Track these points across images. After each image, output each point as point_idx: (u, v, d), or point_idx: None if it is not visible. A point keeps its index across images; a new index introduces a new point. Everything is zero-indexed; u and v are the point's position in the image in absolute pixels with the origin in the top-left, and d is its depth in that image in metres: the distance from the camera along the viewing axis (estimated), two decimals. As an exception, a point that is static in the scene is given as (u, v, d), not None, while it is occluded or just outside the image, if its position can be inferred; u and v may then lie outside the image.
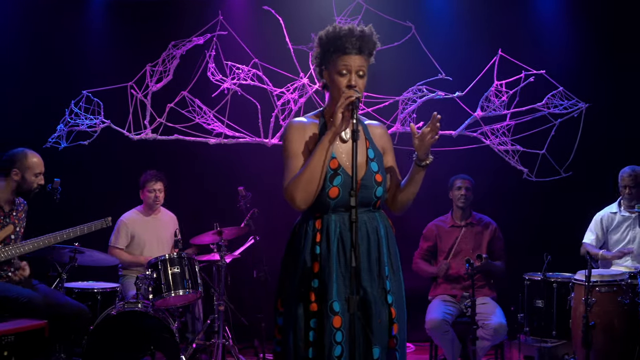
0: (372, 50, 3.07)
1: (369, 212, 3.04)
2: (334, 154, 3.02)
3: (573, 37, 6.89)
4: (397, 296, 3.03)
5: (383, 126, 3.26)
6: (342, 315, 2.90)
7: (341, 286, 2.92)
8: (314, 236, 3.00)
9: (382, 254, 3.02)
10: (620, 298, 4.99)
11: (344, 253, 2.95)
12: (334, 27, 3.06)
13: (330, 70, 3.05)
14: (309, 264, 2.98)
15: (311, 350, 2.93)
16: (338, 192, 2.98)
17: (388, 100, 6.57)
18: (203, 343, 5.79)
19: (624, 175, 5.73)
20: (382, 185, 3.05)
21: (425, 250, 5.87)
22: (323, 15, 6.62)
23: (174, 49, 6.64)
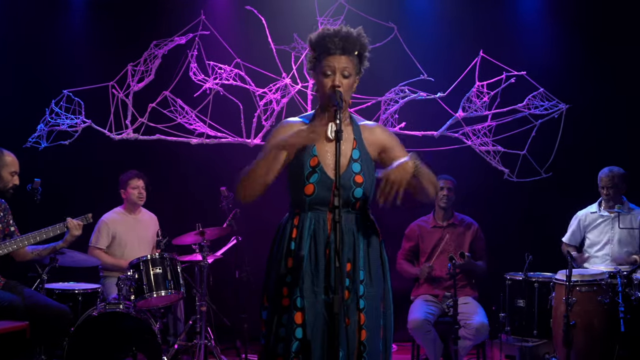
0: (360, 51, 3.08)
1: (347, 212, 3.03)
2: (316, 152, 3.05)
3: (554, 39, 6.95)
4: (371, 303, 3.00)
5: (380, 125, 3.26)
6: (305, 313, 2.91)
7: (308, 284, 2.94)
8: (291, 232, 3.04)
9: (358, 257, 3.00)
10: (600, 298, 5.04)
11: (316, 251, 2.97)
12: (322, 29, 3.09)
13: (317, 72, 3.07)
14: (284, 259, 3.03)
15: (281, 346, 2.95)
16: (313, 190, 3.01)
17: (370, 101, 6.59)
18: (185, 344, 5.76)
19: (602, 176, 5.78)
20: (362, 186, 3.04)
21: (408, 251, 5.89)
22: (306, 15, 6.63)
23: (156, 48, 6.61)
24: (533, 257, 5.33)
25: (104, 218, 6.02)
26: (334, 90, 3.00)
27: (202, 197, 6.73)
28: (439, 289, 5.64)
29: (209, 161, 6.86)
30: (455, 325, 5.13)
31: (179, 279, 5.47)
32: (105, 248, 5.97)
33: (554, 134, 6.55)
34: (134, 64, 6.62)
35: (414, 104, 6.63)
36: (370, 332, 2.97)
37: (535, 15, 7.03)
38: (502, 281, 5.60)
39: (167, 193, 6.79)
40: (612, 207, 5.74)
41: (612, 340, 4.84)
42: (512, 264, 5.66)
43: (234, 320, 6.35)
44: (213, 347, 5.70)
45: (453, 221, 5.83)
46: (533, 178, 6.61)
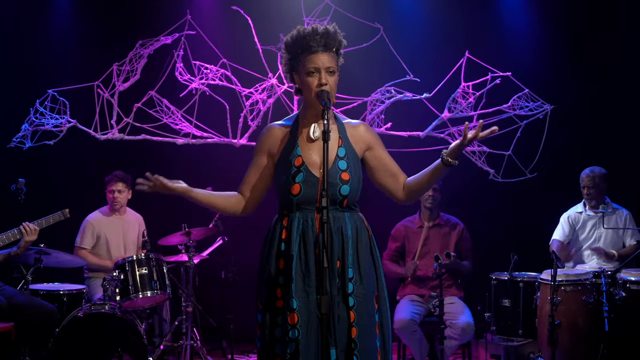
0: (338, 47, 3.08)
1: (335, 210, 3.03)
2: (300, 152, 3.06)
3: (538, 40, 6.99)
4: (362, 300, 3.00)
5: (364, 123, 3.25)
6: (299, 313, 2.92)
7: (300, 284, 2.95)
8: (280, 233, 3.05)
9: (347, 255, 3.01)
10: (584, 297, 5.08)
11: (306, 252, 2.98)
12: (298, 29, 3.08)
13: (300, 73, 3.07)
14: (276, 261, 3.03)
15: (279, 347, 2.96)
16: (299, 189, 3.02)
17: (356, 101, 6.59)
18: (171, 345, 5.76)
19: (583, 177, 5.83)
20: (348, 183, 3.04)
21: (394, 251, 5.90)
22: (292, 15, 6.63)
23: (142, 48, 6.58)
24: (518, 257, 5.35)
25: (88, 218, 6.00)
26: (320, 90, 3.00)
27: (188, 198, 6.70)
28: (424, 289, 5.65)
29: (195, 161, 6.84)
30: (441, 325, 5.15)
31: (165, 279, 5.45)
32: (90, 248, 5.94)
33: (538, 134, 6.58)
34: (120, 63, 6.58)
35: (400, 104, 6.64)
36: (361, 330, 2.97)
37: (520, 17, 7.07)
38: (487, 281, 5.63)
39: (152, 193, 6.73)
40: (595, 207, 5.78)
41: (596, 339, 4.88)
42: (498, 264, 5.69)
43: (220, 320, 6.34)
44: (199, 347, 5.69)
45: (439, 221, 5.85)
46: (518, 178, 6.64)
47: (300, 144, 3.09)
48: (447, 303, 5.37)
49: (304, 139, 3.11)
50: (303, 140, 3.10)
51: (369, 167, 3.19)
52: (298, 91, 3.14)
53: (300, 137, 3.11)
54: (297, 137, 3.11)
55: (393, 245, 5.90)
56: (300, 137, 3.11)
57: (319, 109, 3.00)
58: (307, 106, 3.13)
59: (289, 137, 3.12)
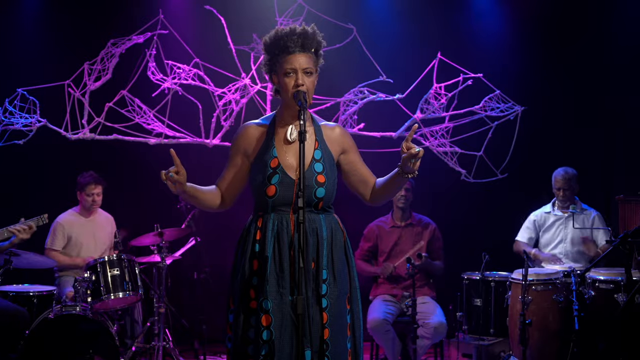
0: (317, 47, 3.09)
1: (310, 212, 3.04)
2: (276, 153, 3.06)
3: (510, 42, 7.06)
4: (335, 302, 3.01)
5: (340, 126, 3.27)
6: (272, 314, 2.92)
7: (274, 285, 2.95)
8: (255, 234, 3.05)
9: (321, 256, 3.02)
10: (555, 296, 5.14)
11: (280, 253, 2.98)
12: (276, 30, 3.09)
13: (278, 73, 3.07)
14: (250, 261, 3.03)
15: (252, 348, 2.95)
16: (275, 191, 3.02)
17: (329, 102, 6.60)
18: (142, 346, 5.72)
19: (558, 177, 5.88)
20: (324, 186, 3.05)
21: (366, 251, 5.92)
22: (265, 16, 6.61)
23: (113, 47, 6.50)
24: (490, 256, 5.41)
25: (59, 219, 5.93)
26: (297, 90, 3.00)
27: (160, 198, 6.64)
28: (397, 289, 5.68)
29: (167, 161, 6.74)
30: (413, 325, 5.18)
31: (137, 280, 5.42)
32: (61, 250, 5.88)
33: (509, 135, 6.64)
34: (91, 62, 6.50)
35: (373, 105, 6.66)
36: (333, 331, 2.98)
37: (492, 19, 7.13)
38: (459, 281, 5.68)
39: (124, 193, 6.70)
40: (566, 207, 5.85)
41: (566, 337, 4.94)
42: (469, 264, 5.73)
43: (192, 321, 6.31)
44: (171, 348, 5.67)
45: (411, 221, 5.88)
46: (489, 179, 6.70)
47: (276, 145, 3.09)
48: (420, 303, 5.41)
49: (281, 140, 3.11)
50: (279, 142, 3.10)
51: (342, 171, 3.22)
52: (277, 91, 3.14)
53: (276, 138, 3.11)
54: (274, 138, 3.11)
55: (365, 245, 5.92)
56: (277, 138, 3.11)
57: (296, 110, 3.00)
58: (284, 107, 3.13)
59: (265, 138, 3.12)
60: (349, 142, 3.23)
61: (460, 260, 6.01)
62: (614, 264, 5.50)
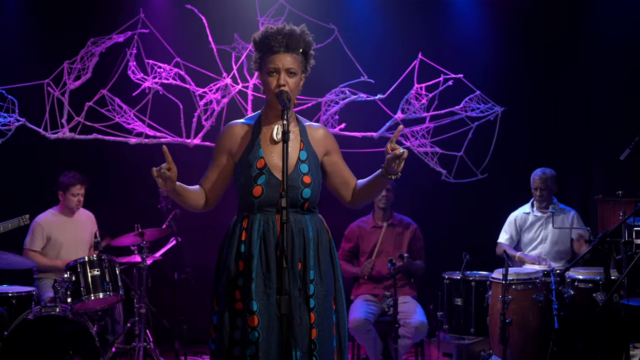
0: (304, 48, 3.09)
1: (296, 213, 3.05)
2: (262, 154, 3.05)
3: (490, 43, 7.10)
4: (322, 302, 3.03)
5: (324, 127, 3.28)
6: (259, 315, 2.92)
7: (261, 286, 2.95)
8: (240, 235, 3.04)
9: (308, 257, 3.02)
10: (535, 295, 5.18)
11: (266, 253, 2.98)
12: (265, 28, 3.09)
13: (263, 72, 3.07)
14: (235, 262, 3.02)
15: (238, 349, 2.94)
16: (261, 191, 3.01)
17: (311, 102, 6.61)
18: (123, 347, 5.69)
19: (535, 178, 5.93)
20: (310, 187, 3.06)
21: (347, 251, 5.93)
22: (246, 15, 6.61)
23: (93, 46, 6.46)
24: (470, 256, 5.44)
25: (38, 219, 5.87)
26: (279, 90, 3.00)
27: (141, 198, 6.64)
28: (378, 289, 5.70)
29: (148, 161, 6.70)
30: (395, 324, 5.19)
31: (118, 280, 5.39)
32: (40, 250, 5.82)
33: (489, 135, 6.69)
34: (71, 61, 6.45)
35: (354, 105, 6.68)
36: (320, 331, 2.99)
37: (472, 20, 7.17)
38: (440, 280, 5.70)
39: (105, 193, 6.66)
40: (545, 207, 5.89)
41: (546, 336, 4.98)
42: (450, 264, 5.76)
43: (173, 321, 6.28)
44: (152, 349, 5.65)
45: (392, 221, 5.90)
46: (470, 179, 6.74)
47: (262, 145, 3.08)
48: (401, 302, 5.42)
49: (266, 140, 3.10)
50: (265, 142, 3.10)
51: (325, 172, 3.23)
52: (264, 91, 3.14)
53: (262, 138, 3.10)
54: (259, 138, 3.10)
55: (347, 246, 5.93)
56: (262, 137, 3.10)
57: (279, 109, 3.01)
58: (268, 106, 3.13)
59: (250, 137, 3.10)
60: (333, 143, 3.24)
61: (441, 260, 6.04)
62: (593, 263, 5.56)
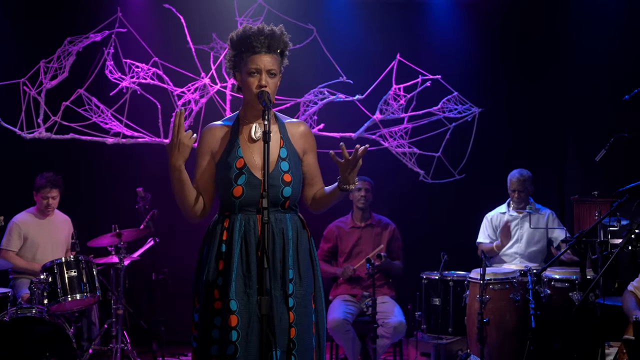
0: (283, 49, 3.08)
1: (277, 212, 3.05)
2: (241, 154, 3.04)
3: (468, 45, 7.15)
4: (301, 301, 3.03)
5: (305, 124, 3.26)
6: (239, 315, 2.91)
7: (240, 286, 2.94)
8: (221, 234, 3.02)
9: (287, 256, 3.02)
10: (512, 295, 5.23)
11: (247, 253, 2.97)
12: (244, 27, 3.07)
13: (242, 71, 3.06)
14: (215, 261, 3.01)
15: (216, 348, 2.94)
16: (242, 191, 3.00)
17: (289, 102, 6.61)
18: (99, 348, 5.65)
19: (513, 180, 5.97)
20: (290, 185, 3.05)
21: (326, 252, 5.93)
22: (225, 15, 6.59)
23: (70, 45, 6.40)
24: (448, 256, 5.47)
25: (15, 220, 5.82)
26: (260, 90, 2.99)
27: (118, 198, 6.60)
28: (357, 289, 5.71)
29: (125, 161, 6.73)
30: (374, 324, 5.21)
31: (95, 281, 5.35)
32: (17, 251, 5.77)
33: (467, 136, 6.74)
34: (47, 60, 6.39)
35: (333, 105, 6.69)
36: (299, 330, 3.00)
37: (450, 21, 7.21)
38: (418, 280, 5.72)
39: (82, 194, 6.62)
40: (522, 208, 5.95)
41: (523, 336, 5.02)
42: (428, 264, 5.79)
43: (150, 323, 6.25)
44: (129, 350, 5.61)
45: (371, 222, 5.92)
46: (447, 179, 6.78)
47: (241, 145, 3.06)
48: (379, 302, 5.44)
49: (245, 139, 3.09)
50: (244, 141, 3.08)
51: None
52: (239, 89, 3.13)
53: (241, 138, 3.09)
54: (238, 138, 3.08)
55: (325, 246, 5.94)
56: (242, 137, 3.09)
57: (259, 109, 3.00)
58: (246, 106, 3.12)
59: (229, 137, 3.08)
60: (312, 142, 3.23)
61: (419, 260, 6.06)
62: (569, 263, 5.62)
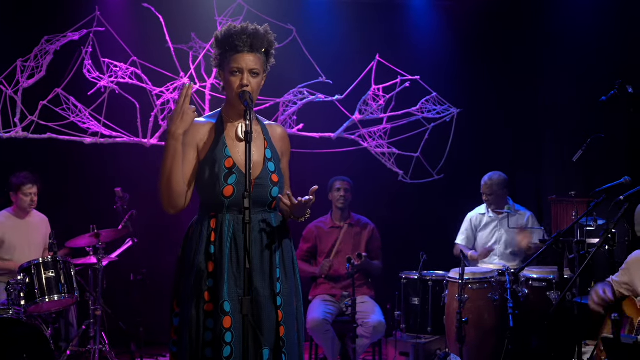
0: (267, 48, 3.07)
1: (264, 212, 3.05)
2: (229, 153, 3.02)
3: (446, 46, 7.20)
4: (287, 299, 3.04)
5: (283, 129, 3.27)
6: (232, 316, 2.88)
7: (232, 287, 2.91)
8: (209, 235, 2.98)
9: (275, 256, 3.03)
10: (490, 294, 5.27)
11: (237, 253, 2.94)
12: (229, 26, 3.05)
13: (225, 70, 3.04)
14: (204, 263, 2.96)
15: (209, 350, 2.91)
16: (233, 191, 2.97)
17: (269, 102, 6.60)
18: (77, 349, 5.61)
19: (482, 184, 6.03)
20: (278, 185, 3.06)
21: (305, 252, 5.94)
22: (204, 15, 6.58)
23: (47, 44, 6.35)
24: (427, 256, 5.50)
25: (-9, 220, 5.77)
26: (242, 90, 2.98)
27: (96, 198, 6.55)
28: (336, 289, 5.72)
29: (103, 161, 6.68)
30: (353, 324, 5.22)
31: (73, 282, 5.31)
32: (-6, 251, 5.72)
33: (445, 137, 6.78)
34: (24, 59, 6.33)
35: (312, 105, 6.70)
36: (287, 328, 3.00)
37: (429, 22, 7.26)
38: (397, 280, 5.75)
39: (59, 194, 6.56)
40: (500, 209, 5.99)
41: (502, 335, 5.07)
42: (407, 263, 5.81)
43: (129, 323, 6.21)
44: (107, 352, 5.58)
45: (350, 221, 5.93)
46: (426, 179, 6.82)
47: (228, 144, 3.04)
48: (359, 302, 5.45)
49: (232, 138, 3.07)
50: (231, 140, 3.06)
51: None
52: (224, 88, 3.11)
53: (227, 137, 3.06)
54: (224, 136, 3.06)
55: (305, 246, 5.94)
56: (227, 136, 3.06)
57: (241, 109, 2.99)
58: (229, 105, 3.10)
59: (214, 136, 3.05)
60: (288, 146, 3.25)
61: (398, 260, 6.09)
62: (547, 262, 5.67)
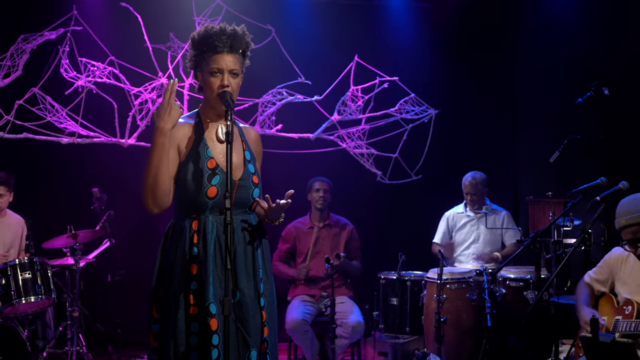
0: (245, 49, 3.07)
1: (245, 213, 3.04)
2: (211, 154, 3.01)
3: (424, 47, 7.23)
4: (269, 299, 3.05)
5: (257, 132, 3.28)
6: (219, 318, 2.85)
7: (217, 288, 2.88)
8: (191, 238, 2.95)
9: (257, 256, 3.03)
10: (468, 294, 5.30)
11: (221, 255, 2.91)
12: (206, 27, 3.04)
13: (203, 71, 3.03)
14: (187, 266, 2.92)
15: (195, 355, 2.87)
16: (217, 192, 2.95)
17: (248, 103, 6.59)
18: (54, 351, 5.57)
19: (466, 183, 6.06)
20: (258, 186, 3.07)
21: (284, 252, 5.94)
22: (183, 14, 6.55)
23: (24, 42, 6.29)
24: (405, 256, 5.52)
25: (-35, 222, 5.70)
26: (223, 91, 2.97)
27: (73, 199, 6.50)
28: (315, 289, 5.73)
29: (80, 161, 6.63)
30: (332, 325, 5.22)
31: (50, 283, 5.27)
32: (-32, 253, 5.65)
33: (423, 137, 6.81)
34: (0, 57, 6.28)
35: (291, 106, 6.70)
36: (270, 328, 3.02)
37: (407, 23, 7.28)
38: (376, 280, 5.76)
39: (36, 194, 6.50)
40: (478, 208, 6.03)
41: (480, 334, 5.10)
42: (386, 264, 5.83)
43: (106, 325, 6.18)
44: (85, 353, 5.54)
45: (329, 222, 5.94)
46: (404, 180, 6.85)
47: (209, 145, 3.02)
48: (338, 302, 5.45)
49: (212, 139, 3.06)
50: (212, 141, 3.05)
51: None
52: (200, 89, 3.10)
53: (207, 138, 3.05)
54: (204, 138, 3.04)
55: (283, 247, 5.94)
56: (207, 137, 3.05)
57: (221, 109, 2.99)
58: (207, 106, 3.09)
59: (195, 137, 3.03)
60: (261, 149, 3.26)
61: (377, 260, 6.11)
62: (524, 262, 5.72)
